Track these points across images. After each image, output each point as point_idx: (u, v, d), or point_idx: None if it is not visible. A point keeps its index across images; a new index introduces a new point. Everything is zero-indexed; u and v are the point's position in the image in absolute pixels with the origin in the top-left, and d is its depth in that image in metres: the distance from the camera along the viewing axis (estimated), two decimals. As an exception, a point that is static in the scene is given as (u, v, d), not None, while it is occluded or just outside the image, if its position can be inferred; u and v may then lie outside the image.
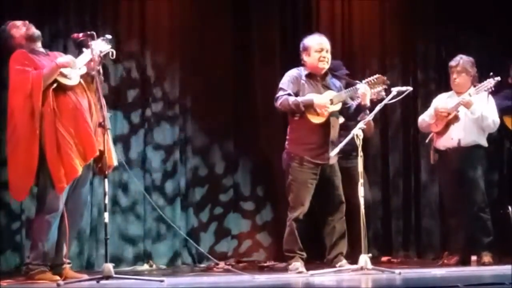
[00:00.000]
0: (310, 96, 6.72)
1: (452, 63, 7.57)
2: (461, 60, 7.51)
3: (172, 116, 8.28)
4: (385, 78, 6.89)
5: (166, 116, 8.26)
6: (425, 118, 7.65)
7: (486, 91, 7.35)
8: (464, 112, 7.40)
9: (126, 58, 8.10)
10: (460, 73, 7.49)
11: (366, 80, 6.84)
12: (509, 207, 7.68)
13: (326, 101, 6.68)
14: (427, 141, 7.75)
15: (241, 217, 8.57)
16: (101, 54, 6.12)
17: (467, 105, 7.33)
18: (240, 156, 8.58)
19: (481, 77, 7.51)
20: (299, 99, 6.68)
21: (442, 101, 7.59)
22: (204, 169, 8.48)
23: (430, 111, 7.62)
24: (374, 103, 6.88)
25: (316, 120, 6.71)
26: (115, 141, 7.08)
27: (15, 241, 7.57)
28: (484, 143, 7.49)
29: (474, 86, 7.43)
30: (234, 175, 8.56)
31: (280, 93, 6.75)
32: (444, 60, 8.58)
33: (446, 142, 7.48)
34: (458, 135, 7.42)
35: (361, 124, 6.56)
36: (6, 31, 6.30)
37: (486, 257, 7.33)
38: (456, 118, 7.42)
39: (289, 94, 6.71)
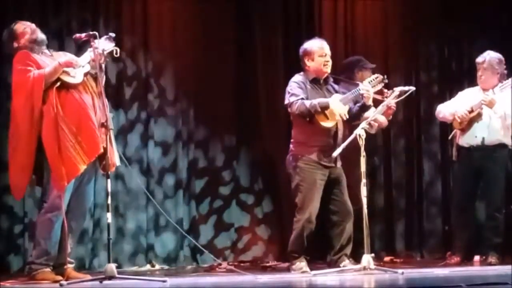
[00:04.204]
0: (326, 99, 6.70)
1: (479, 59, 7.42)
2: (488, 57, 7.36)
3: (171, 115, 8.26)
4: (383, 77, 6.85)
5: (167, 115, 8.25)
6: (445, 114, 7.50)
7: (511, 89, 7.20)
8: (488, 110, 7.29)
9: (129, 55, 8.09)
10: (485, 70, 7.35)
11: (367, 80, 6.84)
12: (512, 206, 7.68)
13: (341, 104, 6.66)
14: (450, 137, 7.68)
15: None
16: (105, 52, 6.13)
17: (490, 104, 7.21)
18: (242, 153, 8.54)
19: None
20: (315, 101, 6.65)
21: (466, 97, 7.44)
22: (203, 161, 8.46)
23: (451, 109, 7.43)
24: (378, 102, 6.88)
25: (326, 124, 6.69)
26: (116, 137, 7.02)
27: (18, 244, 7.56)
28: (509, 142, 7.37)
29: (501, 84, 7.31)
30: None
31: (293, 98, 6.71)
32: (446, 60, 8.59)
33: (469, 139, 7.37)
34: (482, 134, 7.33)
35: (363, 124, 6.54)
36: (13, 31, 6.29)
37: (493, 258, 7.29)
38: (479, 116, 7.30)
39: (302, 99, 6.69)
